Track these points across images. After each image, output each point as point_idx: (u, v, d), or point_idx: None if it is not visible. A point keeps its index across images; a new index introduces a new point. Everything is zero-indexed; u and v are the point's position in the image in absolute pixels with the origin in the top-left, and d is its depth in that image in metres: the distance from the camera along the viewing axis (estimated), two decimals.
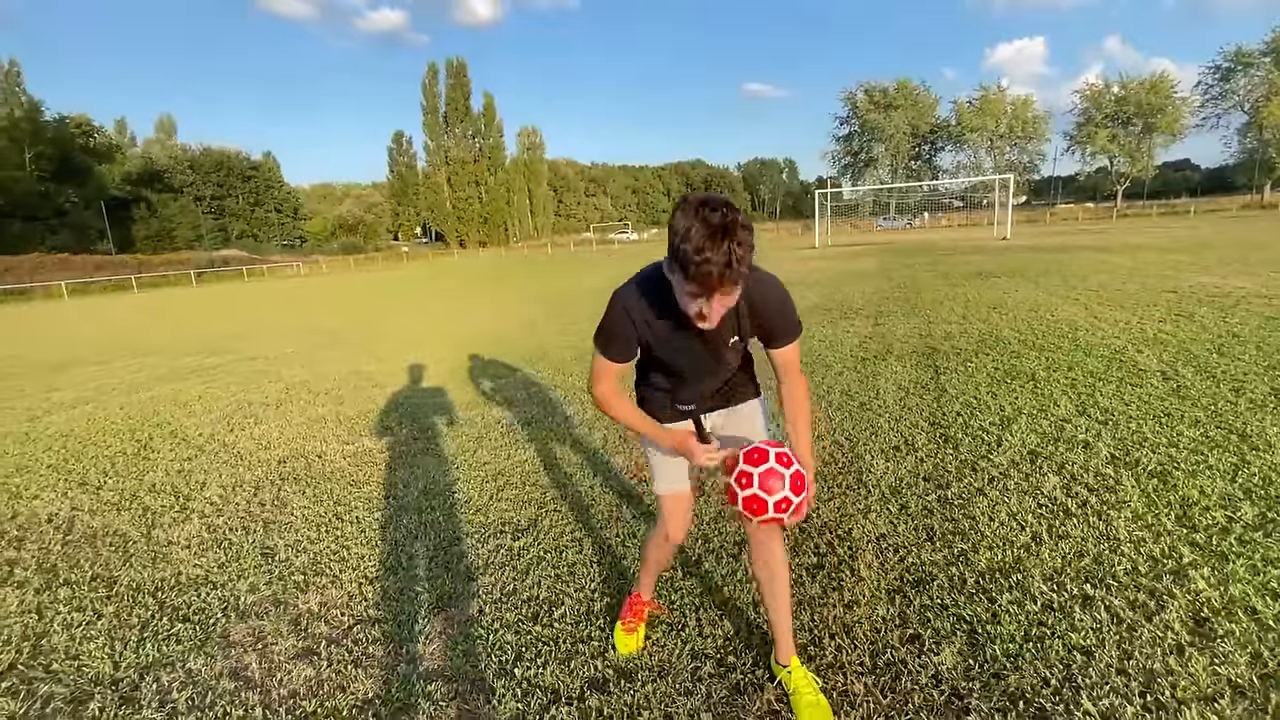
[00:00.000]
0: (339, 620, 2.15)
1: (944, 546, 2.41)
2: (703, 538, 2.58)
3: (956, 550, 2.37)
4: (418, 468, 3.57)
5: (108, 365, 8.07)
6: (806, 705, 1.66)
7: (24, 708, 1.82)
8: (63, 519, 3.19)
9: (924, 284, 10.98)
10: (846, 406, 4.25)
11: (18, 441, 4.71)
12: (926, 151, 66.46)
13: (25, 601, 2.40)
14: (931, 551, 2.38)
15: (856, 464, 3.26)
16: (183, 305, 19.99)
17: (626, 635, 1.94)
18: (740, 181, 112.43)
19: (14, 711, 1.80)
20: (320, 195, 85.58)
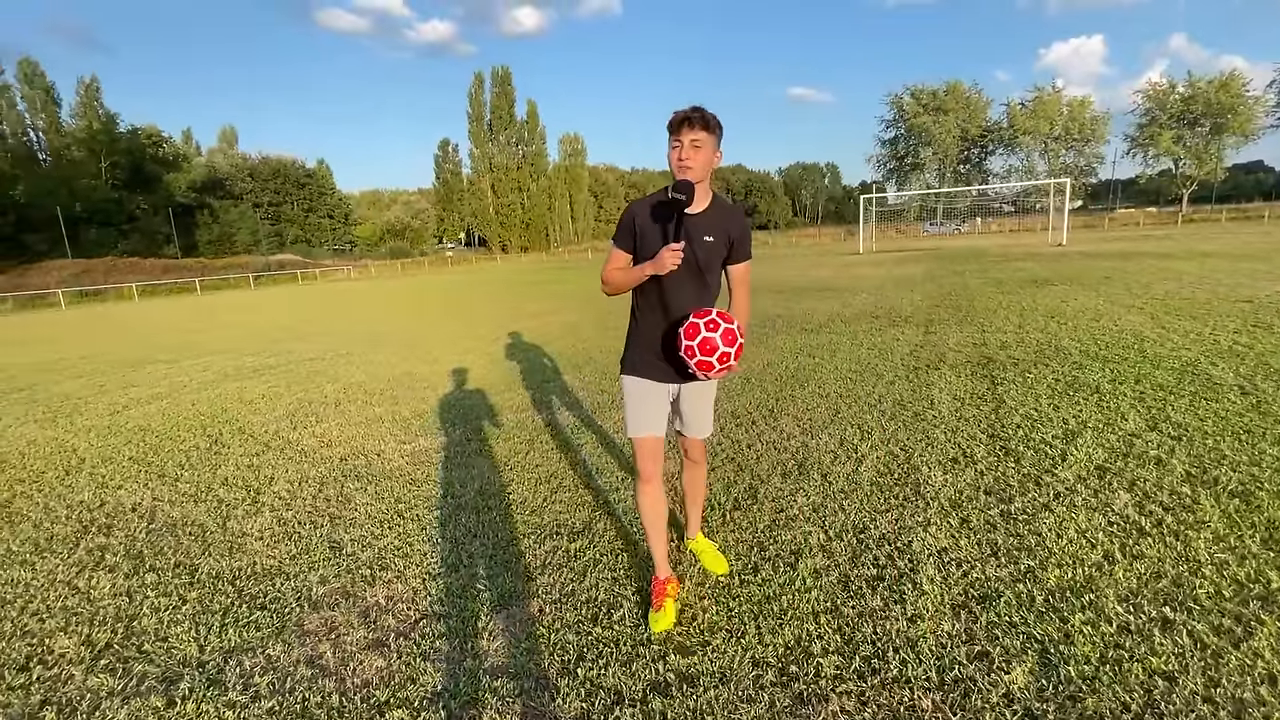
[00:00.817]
0: (405, 614, 2.23)
1: (1009, 562, 2.34)
2: (758, 545, 2.58)
3: (1023, 567, 2.31)
4: (473, 468, 3.66)
5: (177, 364, 8.52)
6: (709, 559, 2.44)
7: (121, 684, 1.94)
8: (145, 509, 3.39)
9: (976, 291, 10.68)
10: (900, 416, 4.16)
11: (101, 434, 5.02)
12: (976, 155, 64.54)
13: (116, 585, 2.56)
14: (996, 567, 2.32)
15: (913, 475, 3.20)
16: (242, 307, 20.93)
17: (656, 614, 2.13)
18: (781, 186, 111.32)
19: (113, 688, 1.93)
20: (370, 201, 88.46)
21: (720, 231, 2.07)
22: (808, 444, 3.75)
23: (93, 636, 2.20)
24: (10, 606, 2.45)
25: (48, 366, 9.28)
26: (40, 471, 4.15)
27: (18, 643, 2.19)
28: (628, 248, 2.11)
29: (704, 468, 2.47)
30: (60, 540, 3.05)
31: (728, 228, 2.08)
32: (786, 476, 3.28)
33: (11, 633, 2.26)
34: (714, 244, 2.06)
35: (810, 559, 2.44)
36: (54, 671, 2.02)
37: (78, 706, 1.86)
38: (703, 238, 2.04)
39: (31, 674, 2.02)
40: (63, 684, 1.96)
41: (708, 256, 2.07)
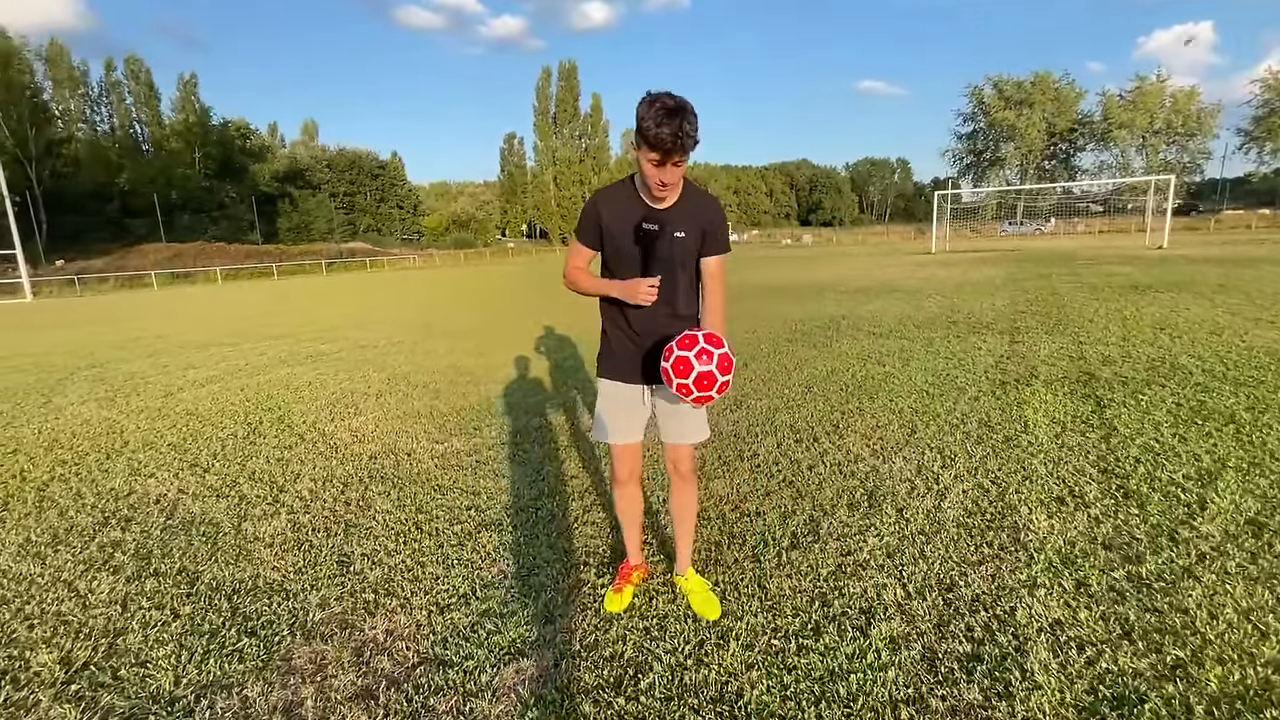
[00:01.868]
0: (403, 655, 1.93)
1: (1150, 650, 1.83)
2: (821, 598, 2.15)
3: (1169, 659, 1.79)
4: (503, 477, 3.37)
5: (238, 347, 8.71)
6: (700, 600, 2.12)
7: (84, 719, 1.72)
8: (168, 501, 3.26)
9: (1066, 297, 9.70)
10: (988, 440, 3.61)
11: (150, 417, 5.04)
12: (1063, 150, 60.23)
13: (115, 591, 2.38)
14: (1133, 655, 1.81)
15: (1009, 517, 2.68)
16: (312, 292, 21.74)
17: (614, 594, 2.16)
18: (848, 182, 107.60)
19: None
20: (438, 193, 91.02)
21: (692, 225, 1.92)
22: (879, 469, 3.27)
23: (74, 653, 2.01)
24: (8, 607, 2.31)
25: (125, 344, 9.71)
26: (84, 454, 4.15)
27: (0, 653, 2.03)
28: (593, 244, 2.00)
29: (693, 485, 2.17)
30: (78, 532, 2.94)
31: (700, 220, 1.93)
32: (854, 509, 2.82)
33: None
34: (685, 239, 1.92)
35: (885, 623, 2.00)
36: (23, 693, 1.83)
37: None
38: (673, 234, 1.90)
39: (0, 693, 1.83)
40: (25, 712, 1.76)
41: (681, 253, 1.93)
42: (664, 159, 1.73)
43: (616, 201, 1.93)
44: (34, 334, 12.46)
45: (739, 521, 2.74)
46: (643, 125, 1.69)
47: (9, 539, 2.91)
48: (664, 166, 1.75)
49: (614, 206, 1.93)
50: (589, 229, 1.97)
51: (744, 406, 4.51)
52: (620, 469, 2.13)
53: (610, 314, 2.05)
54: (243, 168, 60.50)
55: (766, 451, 3.58)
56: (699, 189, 1.98)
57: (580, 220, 2.00)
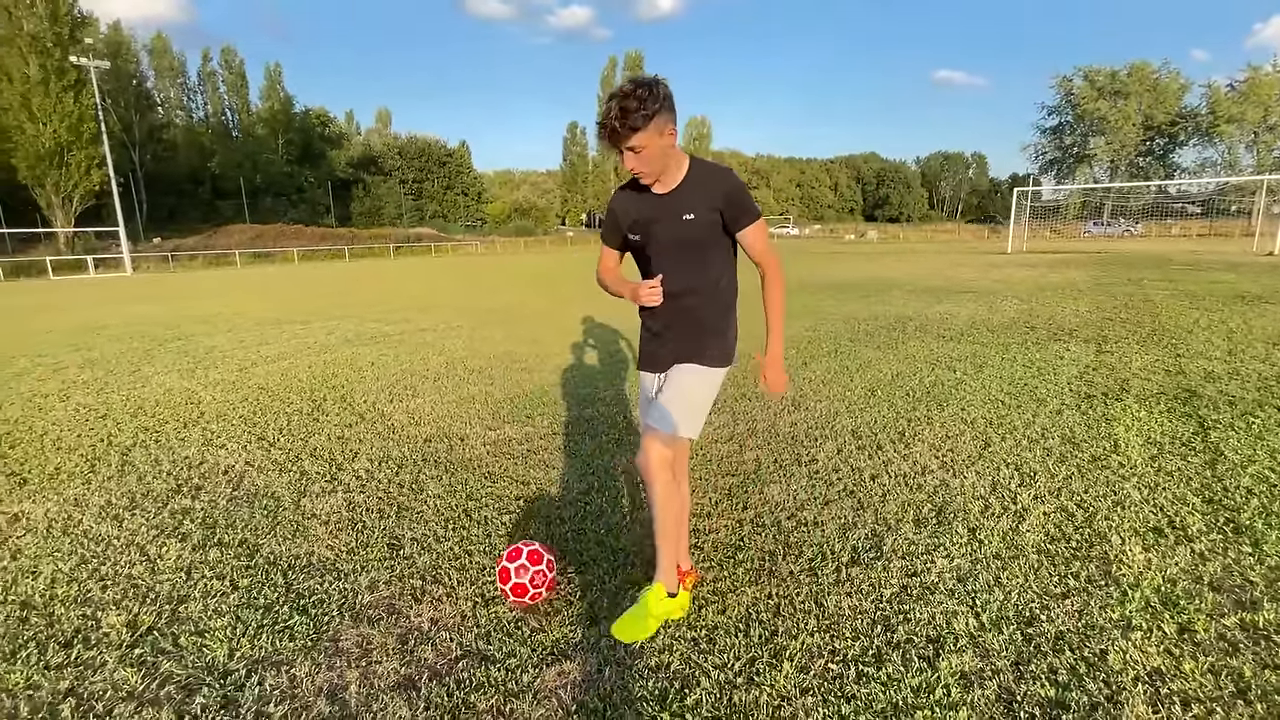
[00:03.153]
0: (447, 647, 1.91)
1: (1271, 713, 1.60)
2: (884, 622, 2.00)
3: None
4: (553, 468, 3.33)
5: (309, 325, 9.09)
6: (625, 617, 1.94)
7: (144, 684, 1.78)
8: (235, 473, 3.39)
9: (1161, 305, 8.94)
10: (1072, 459, 3.32)
11: (225, 389, 5.30)
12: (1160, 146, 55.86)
13: (181, 558, 2.48)
14: (1249, 718, 1.59)
15: (1098, 546, 2.44)
16: (380, 275, 22.57)
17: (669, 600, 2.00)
18: (918, 177, 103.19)
19: (134, 687, 1.77)
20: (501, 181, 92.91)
21: (700, 204, 1.83)
22: (949, 484, 3.05)
23: (140, 616, 2.09)
24: (86, 566, 2.43)
25: (208, 319, 10.31)
26: (164, 422, 4.39)
27: (75, 611, 2.13)
28: (615, 245, 2.04)
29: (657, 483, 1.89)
30: (154, 498, 3.09)
31: (710, 195, 1.83)
32: (921, 525, 2.64)
33: (75, 598, 2.22)
34: (696, 220, 1.83)
35: (956, 655, 1.83)
36: (92, 653, 1.91)
37: (95, 704, 1.70)
38: (681, 217, 1.84)
39: (72, 652, 1.92)
40: (93, 672, 1.83)
41: (695, 235, 1.86)
42: (613, 146, 1.73)
43: (629, 197, 1.93)
44: (132, 306, 13.42)
45: (795, 531, 2.60)
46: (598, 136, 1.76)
47: (92, 499, 3.08)
48: (623, 154, 1.74)
49: (626, 203, 1.93)
50: (610, 229, 1.99)
51: (802, 408, 4.34)
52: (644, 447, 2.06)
53: (642, 312, 2.05)
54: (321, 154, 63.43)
55: (826, 457, 3.41)
56: (708, 163, 1.88)
57: (604, 224, 2.03)
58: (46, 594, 2.24)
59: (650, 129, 1.70)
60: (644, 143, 1.71)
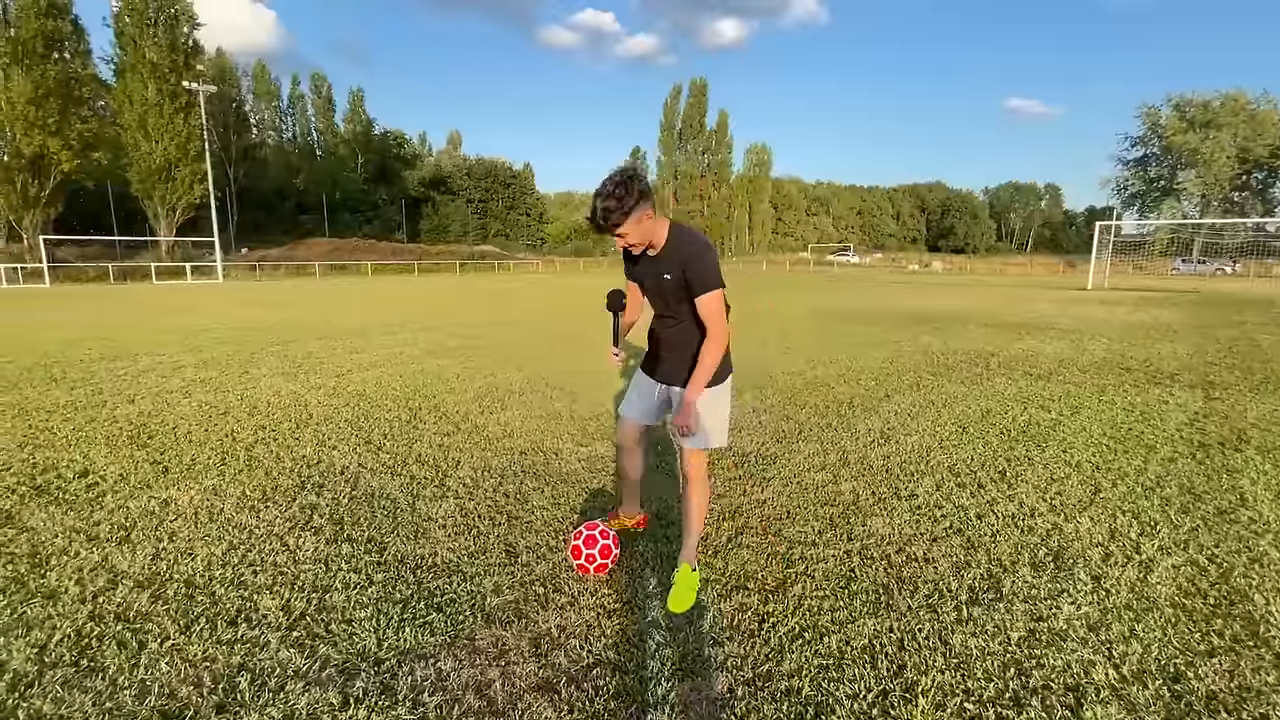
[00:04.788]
0: (578, 654, 1.99)
1: None
2: (1016, 666, 1.95)
3: None
4: (650, 487, 3.40)
5: (393, 336, 9.55)
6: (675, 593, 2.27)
7: (307, 664, 1.92)
8: (351, 473, 3.61)
9: (1271, 351, 8.35)
10: (1195, 511, 3.15)
11: (327, 394, 5.63)
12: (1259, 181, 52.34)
13: (318, 550, 2.66)
14: None
15: (1240, 604, 2.31)
16: (449, 290, 23.45)
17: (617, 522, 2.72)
18: (985, 207, 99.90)
19: (299, 667, 1.91)
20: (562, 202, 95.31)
21: (675, 268, 2.18)
22: (1062, 528, 2.95)
23: (291, 602, 2.26)
24: (235, 551, 2.65)
25: (300, 325, 10.98)
26: (279, 422, 4.70)
27: (234, 593, 2.32)
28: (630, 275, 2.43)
29: (698, 489, 2.39)
30: (282, 492, 3.32)
31: (678, 262, 2.17)
32: (1039, 570, 2.56)
33: (233, 580, 2.41)
34: (672, 281, 2.20)
35: (1100, 706, 1.78)
36: (256, 633, 2.08)
37: (268, 680, 1.86)
38: (662, 275, 2.22)
39: (238, 630, 2.09)
40: (260, 649, 2.00)
41: (673, 291, 2.23)
42: (600, 232, 2.11)
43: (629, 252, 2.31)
44: (229, 311, 14.42)
45: (906, 566, 2.57)
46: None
47: (229, 490, 3.34)
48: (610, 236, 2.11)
49: (629, 255, 2.33)
50: (627, 268, 2.42)
51: (892, 441, 4.27)
52: (621, 434, 2.58)
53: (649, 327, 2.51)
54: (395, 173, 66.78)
55: (925, 493, 3.35)
56: (688, 232, 2.21)
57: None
58: (206, 575, 2.45)
59: (629, 222, 2.07)
60: (626, 231, 2.08)
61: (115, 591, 2.32)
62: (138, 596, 2.29)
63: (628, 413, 2.54)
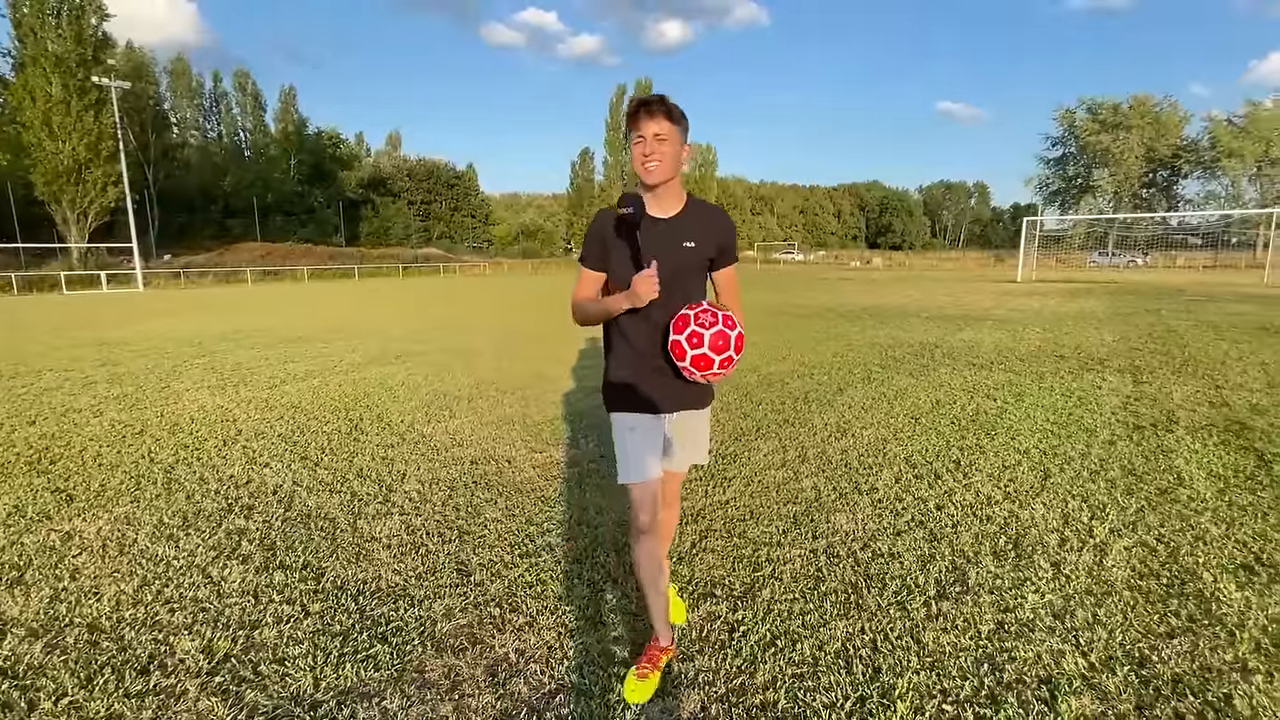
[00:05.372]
0: (539, 681, 1.84)
1: None
2: (988, 661, 1.92)
3: None
4: (609, 492, 3.27)
5: (331, 344, 9.08)
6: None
7: (231, 715, 1.71)
8: (285, 492, 3.33)
9: (1187, 335, 8.91)
10: (1139, 492, 3.25)
11: (259, 407, 5.25)
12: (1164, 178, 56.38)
13: (246, 581, 2.41)
14: None
15: (1191, 583, 2.37)
16: (392, 294, 22.64)
17: (638, 682, 1.79)
18: (920, 205, 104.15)
19: (222, 718, 1.69)
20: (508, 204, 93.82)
21: (704, 236, 1.79)
22: (1018, 515, 2.98)
23: (214, 642, 2.02)
24: (149, 588, 2.37)
25: (228, 336, 10.31)
26: (203, 439, 4.34)
27: (146, 635, 2.06)
28: (599, 267, 1.83)
29: (677, 508, 2.16)
30: (205, 517, 3.03)
31: (713, 231, 1.81)
32: (1001, 558, 2.57)
33: (144, 621, 2.15)
34: (696, 250, 1.79)
35: (1074, 698, 1.76)
36: (171, 681, 1.84)
37: None
38: (682, 243, 1.77)
39: (150, 679, 1.85)
40: (175, 700, 1.77)
41: (690, 264, 1.79)
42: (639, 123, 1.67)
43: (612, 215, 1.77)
44: (150, 322, 13.44)
45: (873, 562, 2.53)
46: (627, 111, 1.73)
47: (144, 518, 3.02)
48: (644, 138, 1.67)
49: (610, 218, 1.77)
50: (594, 248, 1.81)
51: (849, 435, 4.28)
52: (643, 513, 1.84)
53: (618, 340, 1.86)
54: (331, 174, 64.23)
55: (885, 486, 3.35)
56: (704, 202, 1.85)
57: (585, 242, 1.84)
58: (113, 616, 2.18)
59: (678, 128, 1.71)
60: (668, 135, 1.68)
61: (1, 644, 2.03)
62: (29, 647, 2.00)
63: (650, 471, 1.85)
